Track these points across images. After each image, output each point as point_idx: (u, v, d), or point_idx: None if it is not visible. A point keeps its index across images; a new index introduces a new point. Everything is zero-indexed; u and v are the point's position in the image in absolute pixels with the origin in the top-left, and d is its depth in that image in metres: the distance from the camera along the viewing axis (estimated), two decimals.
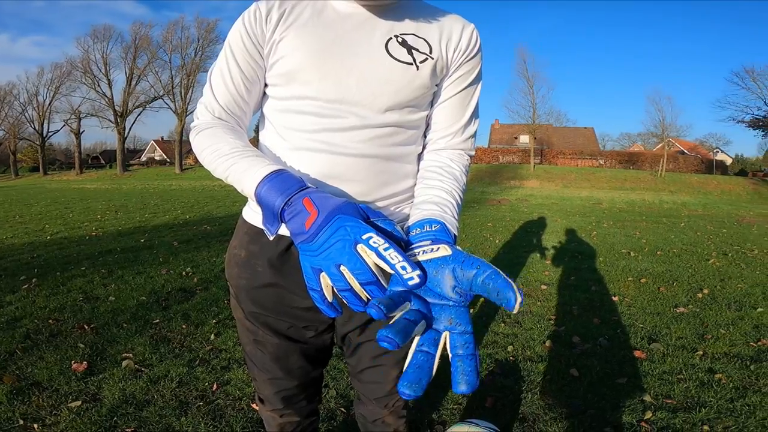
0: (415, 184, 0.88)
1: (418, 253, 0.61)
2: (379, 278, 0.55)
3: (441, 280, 0.57)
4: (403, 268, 0.53)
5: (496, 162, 30.57)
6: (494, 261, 4.57)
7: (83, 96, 36.53)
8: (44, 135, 40.37)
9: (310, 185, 0.66)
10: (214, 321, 2.74)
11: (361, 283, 0.55)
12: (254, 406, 1.80)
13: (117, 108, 35.39)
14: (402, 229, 0.64)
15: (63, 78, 37.35)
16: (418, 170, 0.89)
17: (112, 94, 35.73)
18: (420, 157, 0.89)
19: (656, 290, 3.64)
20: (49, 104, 38.70)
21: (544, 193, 16.82)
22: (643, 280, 3.92)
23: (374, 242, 0.54)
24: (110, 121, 35.68)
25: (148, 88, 35.89)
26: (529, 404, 1.88)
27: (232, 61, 0.80)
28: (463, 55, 0.83)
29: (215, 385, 1.97)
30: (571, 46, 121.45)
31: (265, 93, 0.85)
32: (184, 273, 3.88)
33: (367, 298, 0.56)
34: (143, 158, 49.19)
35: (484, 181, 21.16)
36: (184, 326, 2.66)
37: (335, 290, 0.57)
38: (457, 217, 0.77)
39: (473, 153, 0.92)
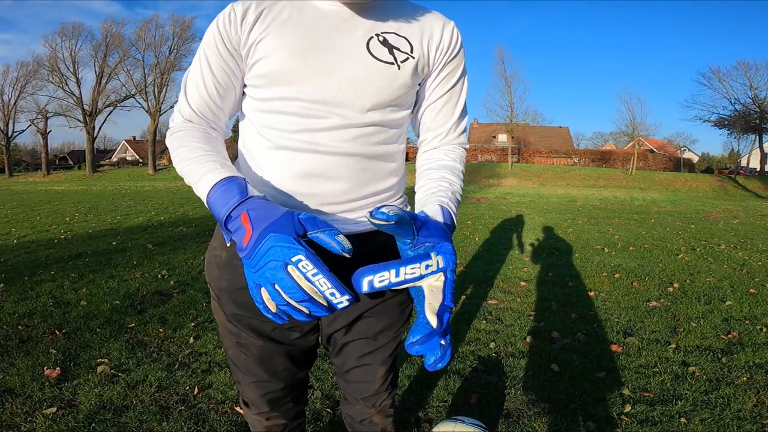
0: (398, 182, 0.89)
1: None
2: (312, 293, 0.57)
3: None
4: (332, 294, 0.57)
5: (475, 161, 30.89)
6: (474, 258, 4.62)
7: (50, 95, 35.17)
8: (9, 135, 38.67)
9: (253, 194, 0.67)
10: (192, 324, 2.68)
11: (296, 301, 0.57)
12: (238, 409, 1.77)
13: (86, 107, 34.20)
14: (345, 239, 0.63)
15: (29, 76, 35.83)
16: (401, 168, 0.90)
17: (80, 92, 34.49)
18: (402, 154, 0.90)
19: (630, 285, 3.74)
20: (15, 103, 37.10)
21: (522, 191, 17.08)
22: (617, 276, 4.02)
23: (303, 266, 0.56)
24: (79, 120, 34.43)
25: (119, 87, 34.80)
26: (513, 400, 1.91)
27: (206, 67, 0.79)
28: (445, 54, 0.84)
29: (196, 389, 1.93)
30: (545, 46, 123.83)
31: (244, 93, 0.84)
32: (159, 276, 3.78)
33: (308, 311, 0.59)
34: (114, 159, 47.74)
35: (463, 180, 21.38)
36: (161, 330, 2.59)
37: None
38: (447, 198, 0.79)
39: (467, 146, 0.94)
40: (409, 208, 0.94)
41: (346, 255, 0.62)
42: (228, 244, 0.68)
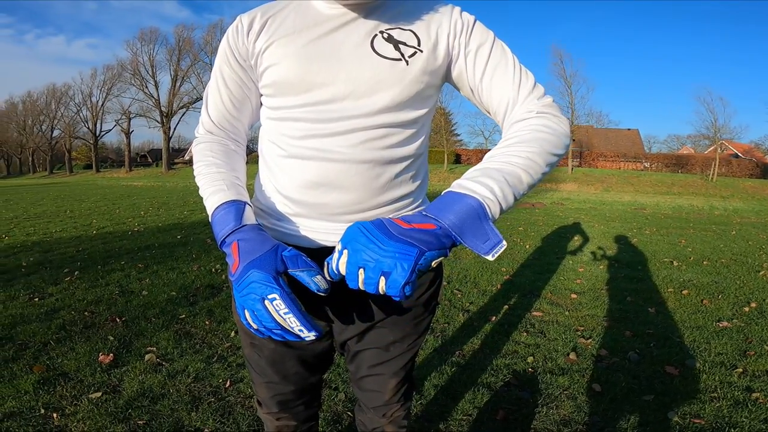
0: (417, 188, 0.85)
1: None
2: (284, 326, 0.65)
3: None
4: (301, 331, 0.64)
5: None
6: (523, 267, 4.44)
7: (132, 97, 38.49)
8: (97, 134, 42.76)
9: (246, 223, 0.73)
10: None
11: (270, 328, 0.66)
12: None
13: (163, 108, 36.97)
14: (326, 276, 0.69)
15: (114, 79, 39.50)
16: (421, 173, 0.86)
17: (158, 95, 37.40)
18: (422, 158, 0.86)
19: (699, 303, 3.42)
20: (102, 105, 41.01)
21: (582, 196, 16.23)
22: (685, 292, 3.69)
23: (277, 305, 0.64)
24: (157, 121, 37.34)
25: (191, 90, 37.36)
26: (543, 419, 1.81)
27: (221, 80, 0.83)
28: (460, 35, 0.78)
29: (228, 382, 2.00)
30: (614, 45, 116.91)
31: (261, 102, 0.86)
32: (213, 270, 3.98)
33: (281, 337, 0.67)
34: (186, 157, 51.09)
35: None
36: (207, 322, 2.73)
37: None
38: (476, 178, 0.66)
39: (549, 98, 0.79)
40: None
41: (322, 294, 0.69)
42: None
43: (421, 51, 0.76)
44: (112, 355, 2.23)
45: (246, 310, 0.66)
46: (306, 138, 0.77)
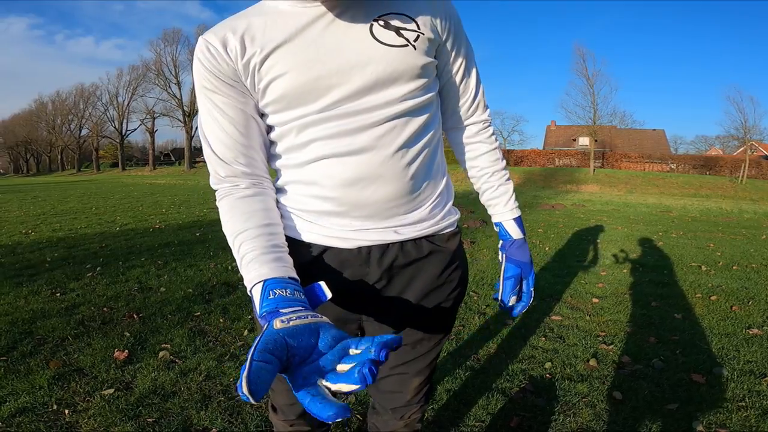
0: (444, 187, 0.86)
1: None
2: None
3: None
4: None
5: (552, 165, 29.08)
6: (542, 270, 4.34)
7: (156, 97, 39.49)
8: (123, 133, 43.92)
9: (279, 310, 0.64)
10: (249, 317, 2.80)
11: None
12: None
13: (185, 108, 37.75)
14: None
15: (139, 80, 40.58)
16: (441, 168, 0.86)
17: (181, 94, 38.20)
18: (441, 151, 0.86)
19: (728, 309, 3.28)
20: (128, 104, 42.13)
21: (605, 198, 15.84)
22: (713, 298, 3.55)
23: None
24: (179, 120, 38.16)
25: None
26: (559, 427, 1.74)
27: (214, 109, 0.75)
28: (445, 30, 0.78)
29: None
30: (639, 42, 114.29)
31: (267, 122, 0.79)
32: (230, 267, 4.01)
33: None
34: None
35: (537, 185, 20.15)
36: (221, 320, 2.73)
37: None
38: (502, 200, 0.94)
39: (490, 117, 0.94)
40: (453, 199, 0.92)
41: None
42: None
43: (423, 33, 0.75)
44: (127, 351, 2.25)
45: None
46: (332, 138, 0.74)
